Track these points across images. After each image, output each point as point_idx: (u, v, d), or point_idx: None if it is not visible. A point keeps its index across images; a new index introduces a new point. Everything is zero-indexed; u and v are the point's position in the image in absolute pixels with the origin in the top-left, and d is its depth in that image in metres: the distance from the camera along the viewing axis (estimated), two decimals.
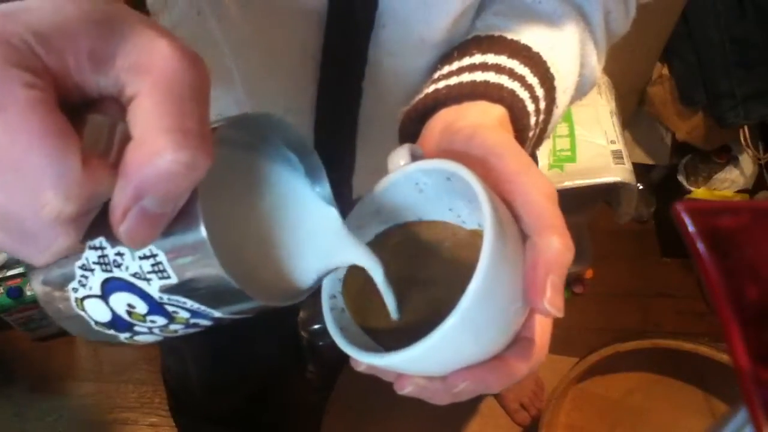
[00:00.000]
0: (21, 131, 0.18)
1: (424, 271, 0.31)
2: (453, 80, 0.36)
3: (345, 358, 0.29)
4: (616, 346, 0.95)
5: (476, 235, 0.31)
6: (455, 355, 0.27)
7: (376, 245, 0.32)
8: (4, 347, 1.41)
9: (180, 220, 0.22)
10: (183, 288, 0.23)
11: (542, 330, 0.30)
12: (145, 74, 0.20)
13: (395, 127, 0.38)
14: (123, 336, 0.27)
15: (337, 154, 0.48)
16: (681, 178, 1.48)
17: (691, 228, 0.20)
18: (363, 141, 0.48)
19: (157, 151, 0.19)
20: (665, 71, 1.32)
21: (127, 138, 0.20)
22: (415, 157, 0.31)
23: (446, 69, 0.38)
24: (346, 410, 1.26)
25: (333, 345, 0.28)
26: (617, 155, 1.12)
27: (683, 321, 1.38)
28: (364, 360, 0.27)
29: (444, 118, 0.34)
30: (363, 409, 1.26)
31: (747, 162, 1.42)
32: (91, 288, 0.25)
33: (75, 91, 0.20)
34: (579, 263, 1.31)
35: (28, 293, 1.28)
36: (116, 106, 0.21)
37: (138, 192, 0.20)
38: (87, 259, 0.24)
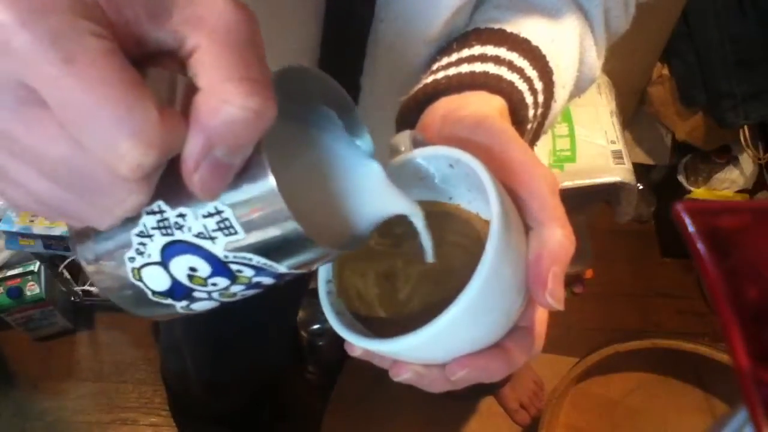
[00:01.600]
0: (95, 81, 0.18)
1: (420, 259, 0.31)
2: (452, 71, 0.36)
3: (345, 358, 0.29)
4: (616, 346, 0.95)
5: (476, 224, 0.31)
6: (456, 343, 0.27)
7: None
8: (4, 347, 1.41)
9: (246, 172, 0.21)
10: (250, 243, 0.23)
11: (540, 320, 0.30)
12: (204, 27, 0.20)
13: (392, 120, 0.38)
14: (180, 305, 0.27)
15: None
16: (681, 178, 1.48)
17: (691, 228, 0.20)
18: None
19: (226, 100, 0.19)
20: (665, 71, 1.32)
21: (189, 90, 0.20)
22: (416, 143, 0.31)
23: (445, 60, 0.38)
24: (346, 410, 1.26)
25: (333, 345, 0.28)
26: (617, 155, 1.12)
27: (683, 321, 1.38)
28: (366, 346, 0.27)
29: (444, 106, 0.34)
30: (363, 409, 1.26)
31: (747, 162, 1.42)
32: (149, 255, 0.24)
33: (133, 46, 0.20)
34: (579, 263, 1.31)
35: (28, 293, 1.28)
36: (173, 60, 0.21)
37: (210, 141, 0.20)
38: (144, 225, 0.23)
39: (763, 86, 1.21)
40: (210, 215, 0.22)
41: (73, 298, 1.41)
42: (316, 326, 1.20)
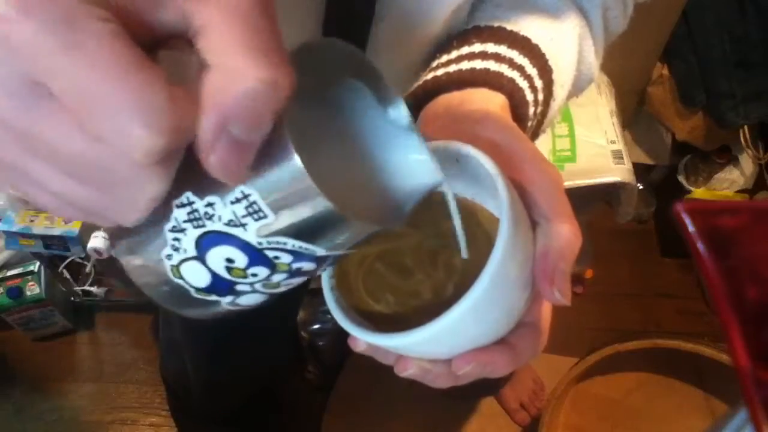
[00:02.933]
0: (103, 65, 0.17)
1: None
2: (452, 68, 0.36)
3: (345, 358, 0.29)
4: (616, 346, 0.95)
5: (482, 216, 0.31)
6: (463, 339, 0.27)
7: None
8: (4, 347, 1.41)
9: (268, 151, 0.20)
10: (281, 226, 0.22)
11: (545, 316, 0.30)
12: (211, 2, 0.19)
13: None
14: (225, 300, 0.26)
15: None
16: (681, 178, 1.48)
17: (691, 228, 0.20)
18: None
19: (238, 72, 0.18)
20: (665, 71, 1.32)
21: (201, 70, 0.19)
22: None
23: (445, 58, 0.38)
24: (346, 410, 1.26)
25: (333, 345, 0.28)
26: (617, 155, 1.12)
27: (683, 321, 1.38)
28: (372, 341, 0.27)
29: (445, 103, 0.34)
30: (363, 409, 1.26)
31: (747, 162, 1.42)
32: (185, 250, 0.23)
33: (142, 29, 0.19)
34: (579, 263, 1.31)
35: (28, 293, 1.28)
36: (184, 42, 0.20)
37: (224, 117, 0.19)
38: (176, 219, 0.23)
39: (763, 86, 1.21)
40: (237, 201, 0.22)
41: (73, 298, 1.41)
42: (316, 326, 1.20)
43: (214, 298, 0.25)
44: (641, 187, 1.42)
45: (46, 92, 0.18)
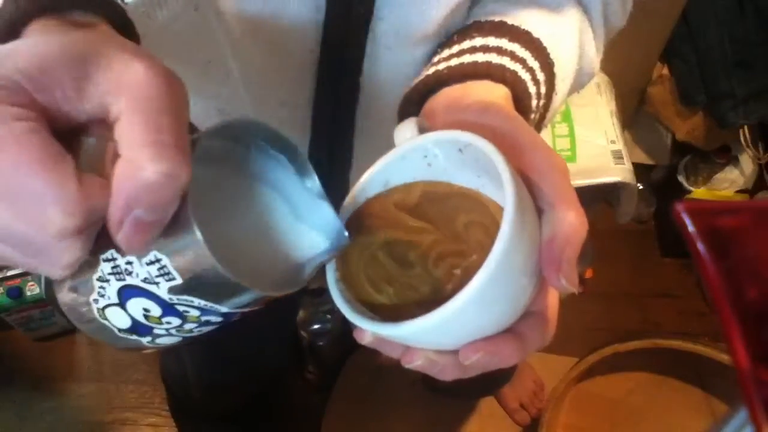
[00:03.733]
0: (19, 160, 0.20)
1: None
2: (454, 62, 0.36)
3: (345, 358, 0.29)
4: (616, 346, 0.95)
5: (488, 204, 0.31)
6: (469, 327, 0.27)
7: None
8: (4, 347, 1.41)
9: (176, 224, 0.24)
10: (188, 287, 0.25)
11: (552, 305, 0.30)
12: (125, 95, 0.22)
13: (392, 121, 0.38)
14: (145, 340, 0.29)
15: (335, 149, 0.48)
16: (681, 178, 1.48)
17: (691, 228, 0.20)
18: (360, 135, 0.48)
19: (139, 165, 0.21)
20: (665, 71, 1.32)
21: (115, 155, 0.22)
22: (422, 131, 0.31)
23: (446, 52, 0.38)
24: (346, 410, 1.26)
25: (333, 345, 0.29)
26: (617, 155, 1.12)
27: (683, 321, 1.38)
28: (378, 331, 0.27)
29: (448, 96, 0.34)
30: (363, 409, 1.26)
31: (747, 162, 1.42)
32: (109, 297, 0.27)
33: (66, 119, 0.22)
34: (580, 263, 1.31)
35: (28, 293, 1.28)
36: (105, 126, 0.23)
37: (128, 203, 0.22)
38: (102, 270, 0.26)
39: (763, 86, 1.21)
40: (151, 263, 0.25)
41: None
42: (316, 326, 1.20)
43: (135, 337, 0.29)
44: (641, 187, 1.42)
45: None
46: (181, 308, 0.26)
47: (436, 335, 0.27)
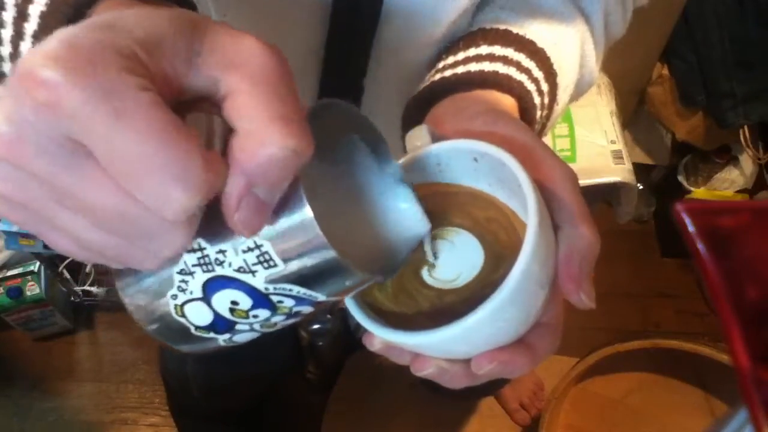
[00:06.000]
0: (144, 134, 0.18)
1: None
2: (460, 69, 0.36)
3: (345, 358, 0.29)
4: (616, 346, 0.95)
5: (503, 207, 0.31)
6: (484, 338, 0.27)
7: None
8: (4, 347, 1.41)
9: (283, 205, 0.22)
10: (290, 274, 0.24)
11: (559, 315, 0.30)
12: (239, 70, 0.21)
13: (394, 124, 0.38)
14: (222, 338, 0.27)
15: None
16: (681, 178, 1.48)
17: (691, 228, 0.20)
18: None
19: (266, 140, 0.20)
20: (665, 71, 1.32)
21: (226, 132, 0.21)
22: (434, 138, 0.31)
23: (451, 59, 0.38)
24: (346, 410, 1.26)
25: (333, 345, 0.28)
26: (617, 155, 1.12)
27: (683, 321, 1.38)
28: (394, 339, 0.27)
29: (456, 103, 0.34)
30: (363, 409, 1.26)
31: (747, 162, 1.42)
32: (191, 292, 0.25)
33: (174, 94, 0.21)
34: None
35: (28, 293, 1.28)
36: (210, 104, 0.21)
37: (251, 180, 0.20)
38: (186, 263, 0.24)
39: (763, 86, 1.21)
40: (250, 250, 0.23)
41: (73, 298, 1.41)
42: (316, 326, 1.20)
43: (211, 335, 0.27)
44: (641, 187, 1.42)
45: (84, 151, 0.19)
46: (275, 298, 0.25)
47: (453, 345, 0.27)
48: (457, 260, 0.30)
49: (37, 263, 1.32)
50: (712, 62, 1.22)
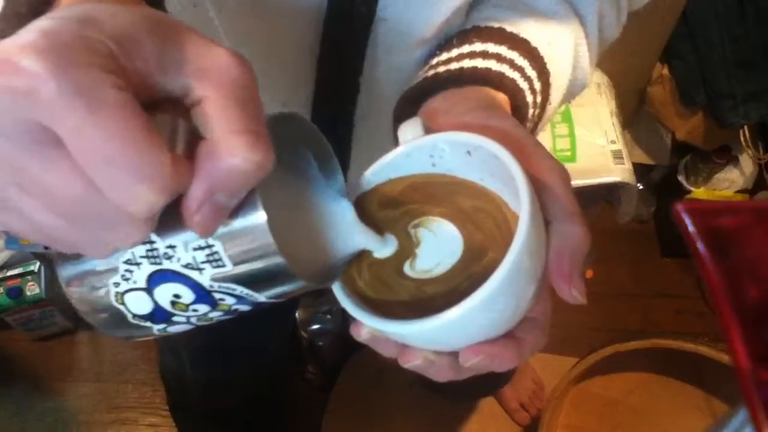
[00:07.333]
0: (115, 131, 0.19)
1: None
2: (453, 65, 0.36)
3: (345, 358, 0.29)
4: (616, 346, 0.95)
5: (495, 198, 0.31)
6: (473, 330, 0.27)
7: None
8: (4, 347, 1.41)
9: (239, 210, 0.23)
10: (236, 274, 0.25)
11: (547, 311, 0.30)
12: (211, 79, 0.21)
13: (389, 123, 0.38)
14: (157, 327, 0.28)
15: (333, 149, 0.49)
16: (681, 178, 1.48)
17: (691, 228, 0.20)
18: (357, 137, 0.48)
19: (233, 151, 0.21)
20: (665, 71, 1.32)
21: (192, 137, 0.22)
22: (426, 131, 0.31)
23: (445, 56, 0.38)
24: (346, 410, 1.26)
25: (333, 345, 0.28)
26: (617, 155, 1.12)
27: (683, 321, 1.38)
28: (382, 328, 0.27)
29: (449, 98, 0.34)
30: (363, 409, 1.26)
31: (747, 162, 1.42)
32: (135, 282, 0.26)
33: (144, 94, 0.21)
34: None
35: (28, 293, 1.28)
36: (176, 106, 0.22)
37: (213, 187, 0.21)
38: (133, 253, 0.25)
39: (763, 86, 1.21)
40: (200, 248, 0.24)
41: None
42: (316, 326, 1.20)
43: (147, 324, 0.28)
44: (641, 187, 1.42)
45: (53, 140, 0.19)
46: (218, 296, 0.26)
47: (441, 336, 0.27)
48: (438, 250, 0.30)
49: (37, 263, 1.32)
50: (712, 62, 1.22)
